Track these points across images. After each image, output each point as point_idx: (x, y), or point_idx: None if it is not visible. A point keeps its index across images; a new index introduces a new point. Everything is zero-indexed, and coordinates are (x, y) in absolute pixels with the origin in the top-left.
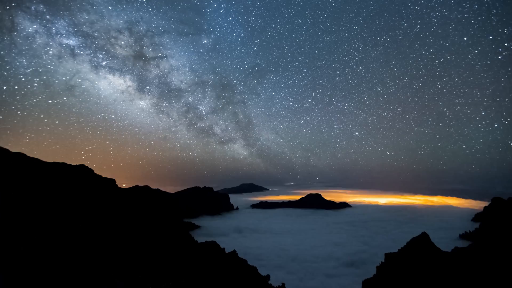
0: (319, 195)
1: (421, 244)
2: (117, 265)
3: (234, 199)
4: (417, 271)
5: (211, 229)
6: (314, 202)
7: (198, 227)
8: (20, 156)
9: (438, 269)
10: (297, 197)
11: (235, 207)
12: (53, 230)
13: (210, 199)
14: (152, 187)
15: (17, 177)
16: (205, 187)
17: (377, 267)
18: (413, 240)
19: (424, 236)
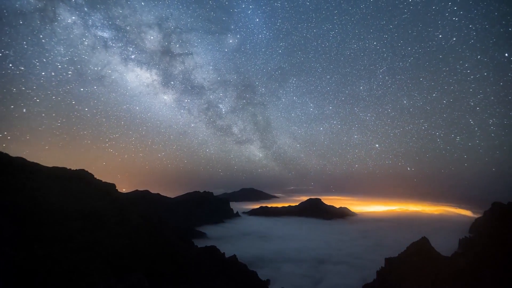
0: (319, 200)
1: (421, 248)
2: (116, 269)
3: (234, 203)
4: (417, 275)
5: (211, 234)
6: (314, 207)
7: (198, 232)
8: (20, 160)
9: (438, 273)
10: (297, 202)
11: (234, 212)
12: (52, 234)
13: (210, 204)
14: (152, 192)
15: (17, 182)
16: (205, 191)
17: (377, 271)
18: (413, 244)
19: (424, 241)
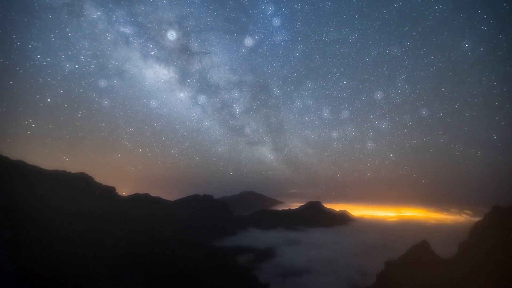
0: (319, 203)
1: (421, 251)
2: (116, 271)
3: (234, 206)
4: (416, 277)
5: (210, 237)
6: (314, 211)
7: (197, 235)
8: (20, 164)
9: (437, 276)
10: (297, 206)
11: (234, 215)
12: (52, 237)
13: (210, 208)
14: (152, 195)
15: (17, 185)
16: (205, 194)
17: (377, 274)
18: (413, 247)
19: (424, 244)
